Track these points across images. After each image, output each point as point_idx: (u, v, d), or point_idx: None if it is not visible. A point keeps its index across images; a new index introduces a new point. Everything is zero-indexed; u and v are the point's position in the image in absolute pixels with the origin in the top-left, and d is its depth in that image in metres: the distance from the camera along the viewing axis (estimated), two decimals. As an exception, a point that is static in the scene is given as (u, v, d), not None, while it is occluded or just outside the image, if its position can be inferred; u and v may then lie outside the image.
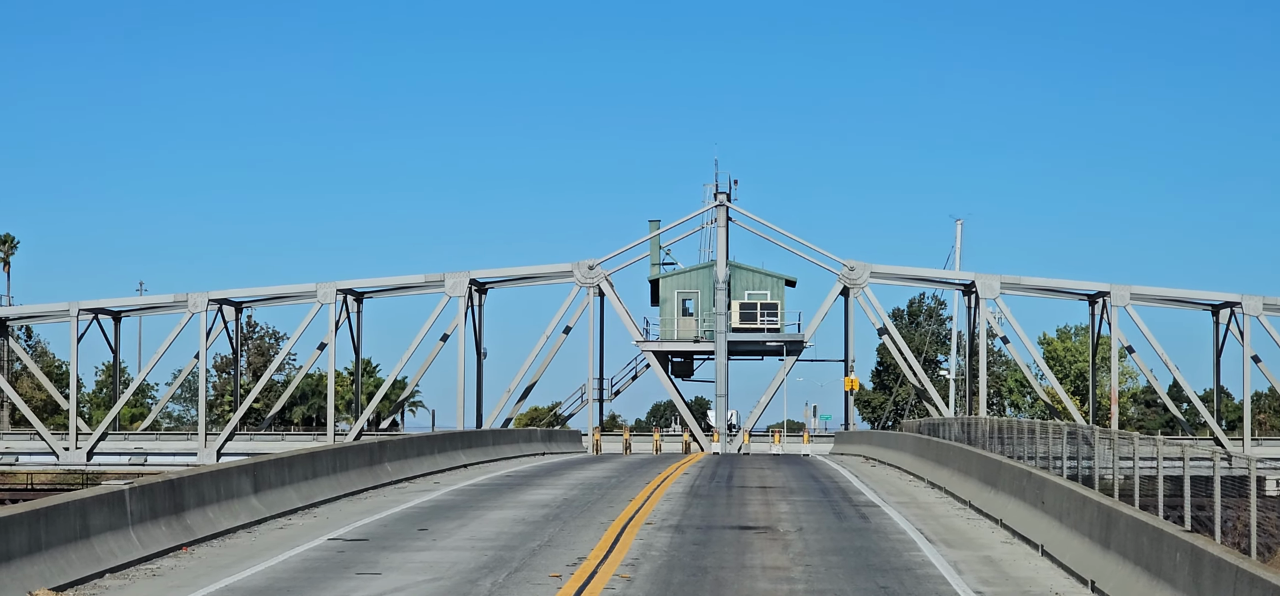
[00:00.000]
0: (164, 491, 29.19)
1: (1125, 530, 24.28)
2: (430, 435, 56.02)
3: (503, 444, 64.21)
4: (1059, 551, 28.26)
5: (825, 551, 29.91)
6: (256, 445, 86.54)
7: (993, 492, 36.74)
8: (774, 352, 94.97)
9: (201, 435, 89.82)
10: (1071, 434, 31.97)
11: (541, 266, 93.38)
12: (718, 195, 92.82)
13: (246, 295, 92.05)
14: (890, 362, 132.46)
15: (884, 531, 33.78)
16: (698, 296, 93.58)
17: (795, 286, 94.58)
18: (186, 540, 29.41)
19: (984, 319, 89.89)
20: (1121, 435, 28.46)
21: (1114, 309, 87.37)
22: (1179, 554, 21.28)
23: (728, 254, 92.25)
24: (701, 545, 30.49)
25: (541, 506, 38.53)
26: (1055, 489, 30.01)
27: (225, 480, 32.65)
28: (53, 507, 24.80)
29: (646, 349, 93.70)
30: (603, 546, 30.08)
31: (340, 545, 30.40)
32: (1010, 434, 38.83)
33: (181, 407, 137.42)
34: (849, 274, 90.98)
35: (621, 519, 35.15)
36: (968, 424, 47.65)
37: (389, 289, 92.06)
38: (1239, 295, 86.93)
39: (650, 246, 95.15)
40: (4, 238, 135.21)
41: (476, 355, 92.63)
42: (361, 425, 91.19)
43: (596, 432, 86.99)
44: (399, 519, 35.59)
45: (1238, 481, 22.65)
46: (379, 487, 43.36)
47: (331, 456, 40.71)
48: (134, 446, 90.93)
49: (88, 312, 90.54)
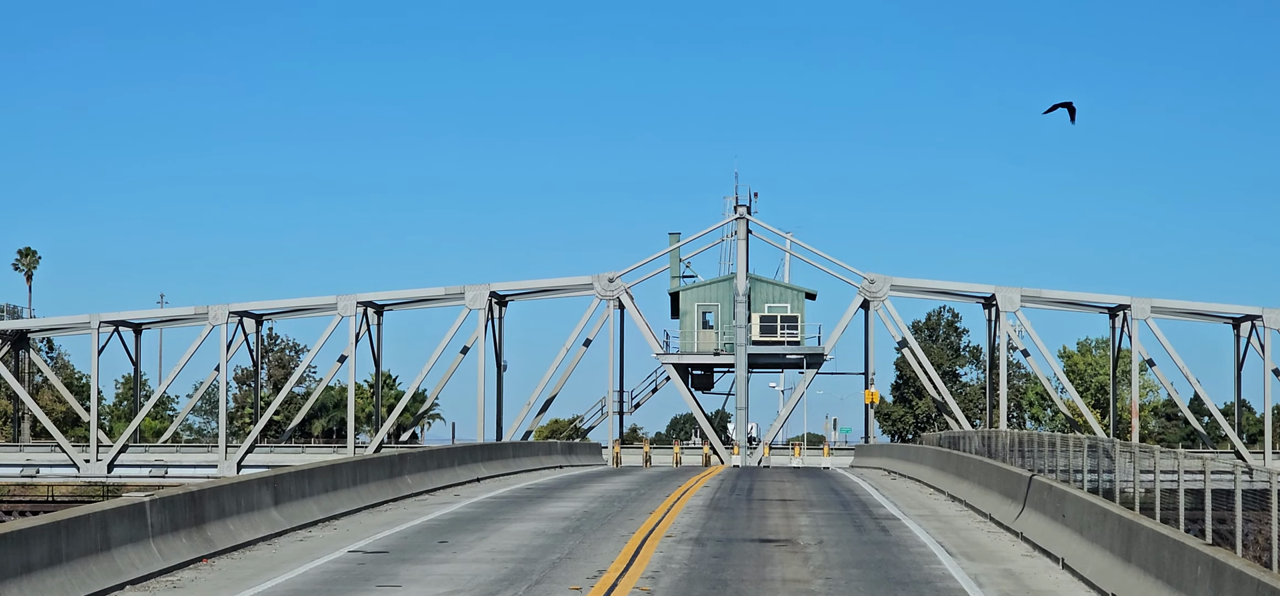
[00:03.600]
0: (184, 503, 29.23)
1: (1146, 543, 24.23)
2: (450, 447, 56.08)
3: (522, 456, 64.22)
4: (1080, 564, 28.20)
5: (845, 564, 29.88)
6: (277, 457, 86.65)
7: (1013, 506, 36.68)
8: (794, 365, 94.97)
9: (222, 447, 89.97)
10: (1092, 447, 31.89)
11: (562, 279, 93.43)
12: (738, 208, 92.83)
13: (267, 307, 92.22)
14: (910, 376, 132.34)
15: (904, 544, 33.73)
16: (718, 309, 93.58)
17: (815, 299, 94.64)
18: (207, 552, 29.46)
19: (1004, 332, 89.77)
20: (1142, 448, 28.37)
21: (1134, 322, 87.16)
22: (1200, 567, 21.22)
23: (748, 267, 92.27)
24: (722, 558, 30.47)
25: (561, 519, 38.55)
26: (1076, 502, 29.96)
27: (246, 492, 32.70)
28: (73, 519, 24.84)
29: (666, 361, 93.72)
30: (623, 559, 30.07)
31: (361, 557, 30.44)
32: (1031, 447, 38.76)
33: (202, 420, 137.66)
34: (869, 287, 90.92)
35: (641, 531, 35.14)
36: (988, 437, 47.56)
37: (409, 301, 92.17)
38: (1260, 308, 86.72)
39: (670, 259, 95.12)
40: (25, 251, 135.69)
41: (497, 368, 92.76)
42: (381, 437, 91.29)
43: (616, 445, 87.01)
44: (419, 531, 35.62)
45: (1259, 495, 22.57)
46: (399, 500, 43.42)
47: (352, 469, 40.76)
48: (154, 458, 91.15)
49: (108, 325, 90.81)
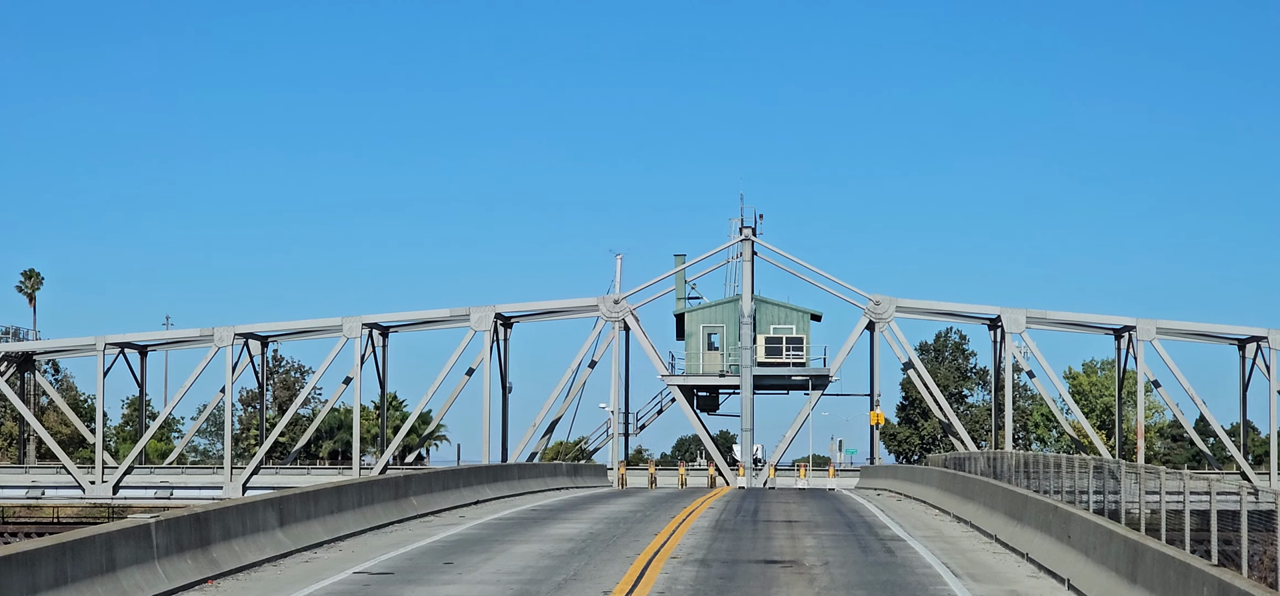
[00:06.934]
0: (190, 525, 29.24)
1: (1152, 564, 24.22)
2: (455, 469, 56.05)
3: (528, 478, 64.21)
4: (1085, 585, 28.19)
5: (851, 585, 29.86)
6: (282, 479, 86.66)
7: (1019, 526, 36.67)
8: (799, 387, 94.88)
9: (227, 469, 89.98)
10: (1097, 468, 31.89)
11: (567, 300, 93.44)
12: (743, 229, 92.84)
13: (272, 329, 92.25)
14: (916, 397, 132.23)
15: (910, 565, 33.72)
16: (723, 331, 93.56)
17: (821, 321, 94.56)
18: (212, 573, 29.45)
19: (1009, 353, 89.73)
20: (1147, 469, 28.37)
21: (1140, 343, 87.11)
22: (1206, 587, 21.22)
23: (753, 288, 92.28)
24: (727, 579, 30.46)
25: (567, 540, 38.54)
26: (1081, 523, 29.94)
27: (251, 513, 32.70)
28: (79, 541, 24.85)
29: (672, 383, 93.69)
30: (628, 580, 30.07)
31: (366, 578, 30.43)
32: (1036, 468, 38.76)
33: (207, 441, 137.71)
34: (874, 308, 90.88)
35: (647, 553, 35.13)
36: (993, 458, 47.55)
37: (414, 323, 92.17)
38: (1265, 329, 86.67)
39: (676, 280, 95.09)
40: (29, 272, 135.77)
41: (502, 389, 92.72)
42: (387, 459, 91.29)
43: (622, 467, 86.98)
44: (424, 552, 35.62)
45: (1265, 515, 22.57)
46: (404, 521, 43.41)
47: (357, 490, 40.76)
48: (160, 480, 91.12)
49: (114, 347, 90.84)
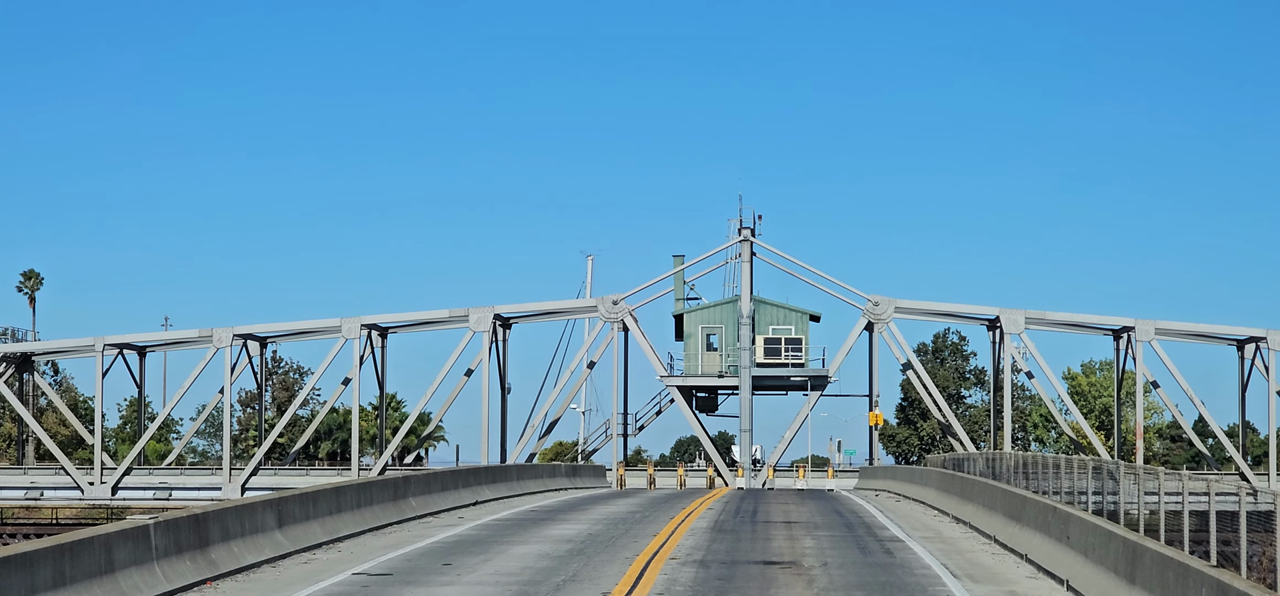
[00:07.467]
0: (188, 526, 29.23)
1: (1151, 565, 24.22)
2: (454, 470, 56.03)
3: (527, 479, 64.20)
4: (1084, 586, 28.18)
5: (850, 586, 29.85)
6: (281, 480, 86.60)
7: (1018, 527, 36.66)
8: (798, 388, 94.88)
9: (226, 470, 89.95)
10: (1096, 469, 31.90)
11: (566, 301, 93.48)
12: (742, 230, 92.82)
13: (271, 330, 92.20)
14: (915, 398, 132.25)
15: (909, 566, 33.71)
16: (722, 331, 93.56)
17: (819, 321, 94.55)
18: (211, 574, 29.44)
19: (1008, 354, 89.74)
20: (1146, 470, 28.38)
21: (1138, 344, 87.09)
22: (1205, 588, 21.22)
23: (752, 289, 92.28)
24: (726, 580, 30.45)
25: (566, 541, 38.53)
26: (1080, 524, 29.94)
27: (249, 514, 32.68)
28: (78, 542, 24.85)
29: (671, 384, 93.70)
30: (627, 581, 30.06)
31: (365, 579, 30.42)
32: (1035, 469, 38.76)
33: (206, 442, 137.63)
34: (873, 309, 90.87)
35: (646, 553, 35.12)
36: (992, 459, 47.54)
37: (413, 324, 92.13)
38: (1264, 330, 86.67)
39: (675, 281, 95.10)
40: (29, 273, 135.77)
41: (501, 390, 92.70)
42: (385, 460, 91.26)
43: (620, 467, 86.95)
44: (423, 553, 35.61)
45: (1264, 516, 22.57)
46: (403, 522, 43.40)
47: (356, 491, 40.75)
48: (159, 481, 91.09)
49: (113, 348, 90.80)
